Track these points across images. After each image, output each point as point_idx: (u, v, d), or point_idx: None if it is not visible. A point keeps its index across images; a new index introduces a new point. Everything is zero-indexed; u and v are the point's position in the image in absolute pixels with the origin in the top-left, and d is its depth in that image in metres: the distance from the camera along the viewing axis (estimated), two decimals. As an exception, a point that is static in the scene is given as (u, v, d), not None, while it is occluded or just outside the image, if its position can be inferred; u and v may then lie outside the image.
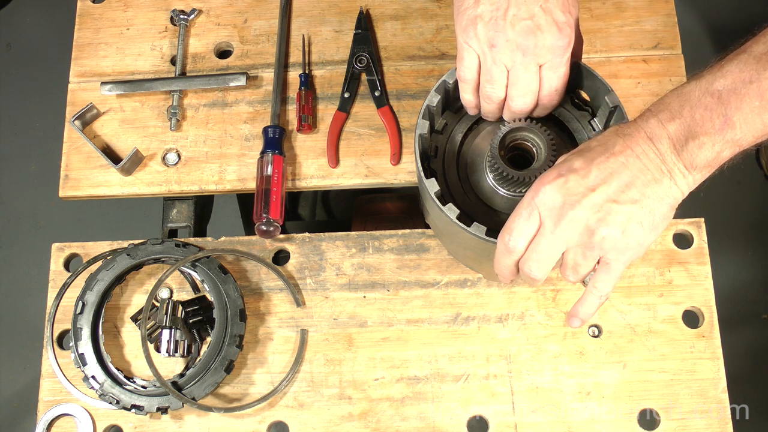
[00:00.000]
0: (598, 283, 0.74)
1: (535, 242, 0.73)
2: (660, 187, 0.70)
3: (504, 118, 0.85)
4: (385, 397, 0.95)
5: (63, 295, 1.00)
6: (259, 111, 1.08)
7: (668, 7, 1.10)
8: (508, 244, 0.74)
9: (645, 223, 0.70)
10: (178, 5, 1.13)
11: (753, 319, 1.96)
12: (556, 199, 0.70)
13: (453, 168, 0.88)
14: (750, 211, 2.06)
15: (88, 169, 1.06)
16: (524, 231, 0.73)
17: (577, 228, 0.70)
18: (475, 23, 0.79)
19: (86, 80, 1.11)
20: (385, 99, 1.07)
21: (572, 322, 0.79)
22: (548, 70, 0.80)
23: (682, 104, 0.70)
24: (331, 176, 1.05)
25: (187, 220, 1.07)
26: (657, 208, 0.70)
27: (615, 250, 0.71)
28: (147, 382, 0.95)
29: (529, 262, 0.74)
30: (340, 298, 0.99)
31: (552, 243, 0.72)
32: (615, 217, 0.69)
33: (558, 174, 0.71)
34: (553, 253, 0.72)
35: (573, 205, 0.70)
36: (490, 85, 0.81)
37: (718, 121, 0.68)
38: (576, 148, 0.74)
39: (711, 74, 0.70)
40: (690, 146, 0.69)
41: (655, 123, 0.70)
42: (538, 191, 0.72)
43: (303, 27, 1.12)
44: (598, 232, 0.70)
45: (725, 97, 0.68)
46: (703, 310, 0.97)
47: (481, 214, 0.86)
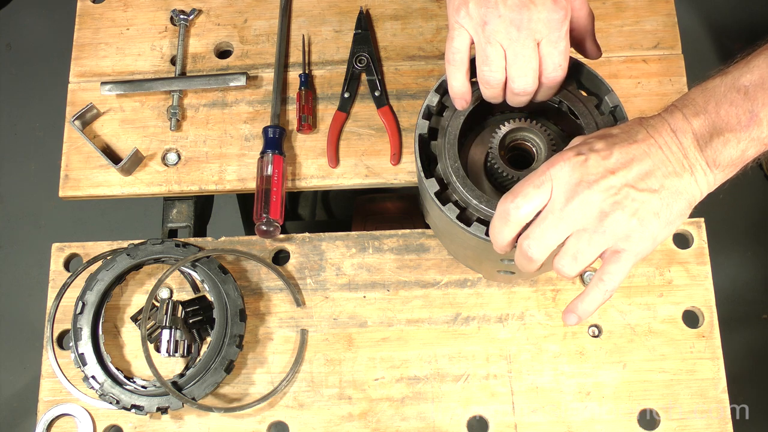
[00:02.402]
0: (605, 276, 0.69)
1: (540, 217, 0.68)
2: (680, 181, 0.67)
3: (508, 102, 0.81)
4: (385, 397, 0.95)
5: (63, 295, 1.00)
6: (259, 111, 1.08)
7: (668, 7, 1.10)
8: (509, 207, 0.69)
9: (661, 216, 0.67)
10: (178, 5, 1.13)
11: (753, 319, 1.96)
12: (573, 176, 0.67)
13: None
14: (750, 211, 2.06)
15: (88, 169, 1.06)
16: (531, 199, 0.68)
17: (589, 210, 0.66)
18: (467, 2, 0.76)
19: (86, 80, 1.11)
20: (385, 99, 1.07)
21: (569, 319, 0.74)
22: (547, 45, 0.76)
23: (707, 99, 0.68)
24: (331, 176, 1.05)
25: (187, 220, 1.07)
26: (674, 202, 0.67)
27: (627, 239, 0.67)
28: (147, 382, 0.95)
29: (529, 240, 0.69)
30: (340, 298, 0.99)
31: (559, 221, 0.67)
32: (632, 203, 0.66)
33: (578, 152, 0.68)
34: (558, 233, 0.68)
35: (590, 184, 0.66)
36: (487, 67, 0.77)
37: (744, 118, 0.66)
38: (596, 132, 0.71)
39: (737, 69, 0.68)
40: (714, 143, 0.67)
41: (680, 117, 0.68)
42: (555, 164, 0.68)
43: (303, 27, 1.12)
44: (611, 216, 0.66)
45: (752, 93, 0.66)
46: (703, 310, 0.97)
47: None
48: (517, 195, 0.69)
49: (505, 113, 0.90)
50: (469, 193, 0.80)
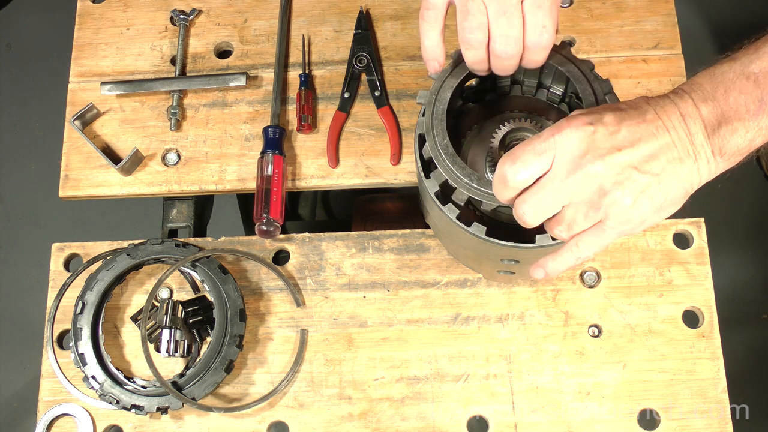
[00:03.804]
0: (582, 244, 0.69)
1: (539, 185, 0.67)
2: (682, 167, 0.65)
3: (493, 70, 0.77)
4: (385, 397, 0.95)
5: (63, 295, 1.00)
6: (259, 111, 1.08)
7: (668, 7, 1.10)
8: (506, 171, 0.67)
9: (655, 201, 0.66)
10: (178, 5, 1.13)
11: (753, 319, 1.96)
12: (579, 147, 0.65)
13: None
14: (750, 211, 2.06)
15: (88, 169, 1.06)
16: (530, 165, 0.66)
17: (589, 184, 0.65)
18: None
19: (86, 80, 1.11)
20: (385, 99, 1.07)
21: (536, 273, 0.73)
22: (530, 4, 0.71)
23: (715, 86, 0.66)
24: (331, 176, 1.05)
25: (187, 220, 1.07)
26: (672, 189, 0.66)
27: (617, 218, 0.66)
28: (147, 382, 0.95)
29: (525, 205, 0.68)
30: (340, 298, 0.99)
31: (557, 192, 0.66)
32: (632, 184, 0.65)
33: (587, 121, 0.65)
34: (555, 203, 0.67)
35: (594, 159, 0.64)
36: (467, 23, 0.72)
37: (753, 106, 0.64)
38: (604, 104, 0.69)
39: (746, 56, 0.66)
40: (722, 131, 0.65)
41: (689, 102, 0.66)
42: (561, 130, 0.65)
43: (303, 27, 1.12)
44: (610, 195, 0.65)
45: (762, 81, 0.65)
46: (703, 310, 0.97)
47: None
48: (516, 160, 0.67)
49: (505, 113, 0.91)
50: (458, 171, 0.76)
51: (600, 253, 0.99)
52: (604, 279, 0.98)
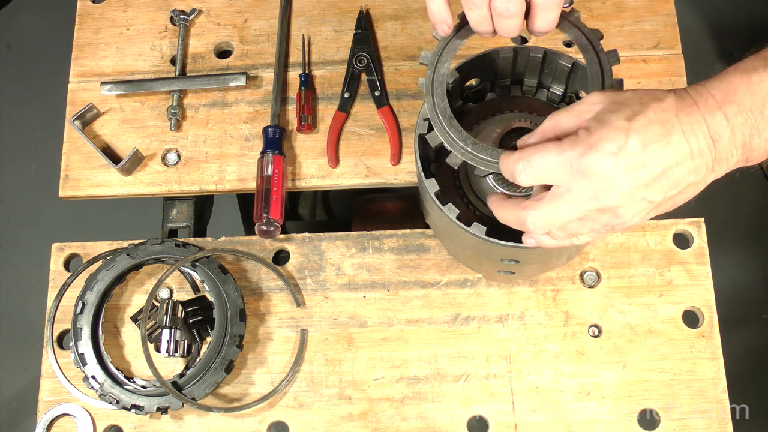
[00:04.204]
0: (581, 239, 0.67)
1: (554, 197, 0.64)
2: (698, 186, 0.63)
3: (497, 30, 0.73)
4: (385, 397, 0.95)
5: (63, 295, 1.00)
6: (259, 111, 1.08)
7: (668, 7, 1.10)
8: (515, 171, 0.65)
9: (660, 210, 0.64)
10: (178, 5, 1.13)
11: (753, 319, 1.96)
12: (601, 178, 0.61)
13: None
14: (750, 211, 2.06)
15: (88, 169, 1.06)
16: (543, 178, 0.64)
17: (606, 212, 0.63)
18: None
19: (86, 80, 1.11)
20: (385, 99, 1.07)
21: (527, 241, 0.71)
22: None
23: (753, 98, 0.61)
24: (331, 176, 1.05)
25: (187, 220, 1.07)
26: (680, 202, 0.64)
27: (621, 227, 0.65)
28: (147, 382, 0.95)
29: (535, 213, 0.66)
30: (340, 298, 0.99)
31: (572, 212, 0.64)
32: (646, 206, 0.63)
33: (611, 152, 0.60)
34: (567, 219, 0.65)
35: (619, 190, 0.61)
36: None
37: None
38: (625, 109, 0.62)
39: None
40: (754, 143, 0.62)
41: (721, 118, 0.61)
42: (592, 149, 0.61)
43: (303, 27, 1.12)
44: (622, 216, 0.63)
45: None
46: (703, 310, 0.97)
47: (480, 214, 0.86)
48: (531, 166, 0.64)
49: (505, 113, 0.90)
50: (454, 134, 0.74)
51: (600, 254, 0.99)
52: (604, 279, 0.98)
